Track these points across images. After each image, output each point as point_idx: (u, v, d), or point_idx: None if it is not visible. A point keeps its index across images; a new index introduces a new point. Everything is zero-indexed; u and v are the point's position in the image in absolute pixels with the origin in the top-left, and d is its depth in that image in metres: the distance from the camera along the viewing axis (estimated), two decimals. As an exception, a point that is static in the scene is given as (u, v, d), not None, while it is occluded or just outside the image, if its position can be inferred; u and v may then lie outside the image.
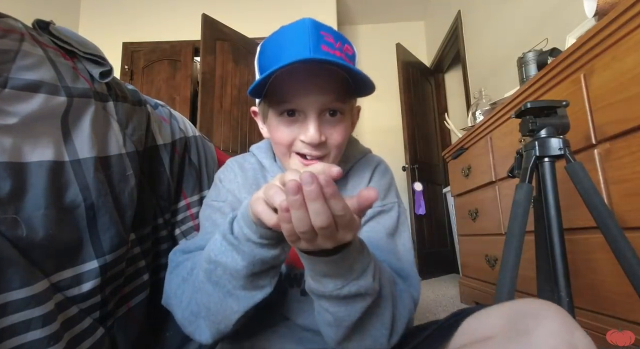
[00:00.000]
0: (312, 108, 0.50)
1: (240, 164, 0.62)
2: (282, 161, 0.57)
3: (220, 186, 0.60)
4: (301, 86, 0.49)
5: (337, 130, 0.52)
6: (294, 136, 0.52)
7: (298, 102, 0.50)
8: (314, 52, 0.46)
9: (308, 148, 0.51)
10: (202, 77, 2.69)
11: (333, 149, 0.53)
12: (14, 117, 0.42)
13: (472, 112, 1.99)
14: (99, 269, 0.48)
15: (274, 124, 0.53)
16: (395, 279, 0.49)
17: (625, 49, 0.85)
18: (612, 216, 0.70)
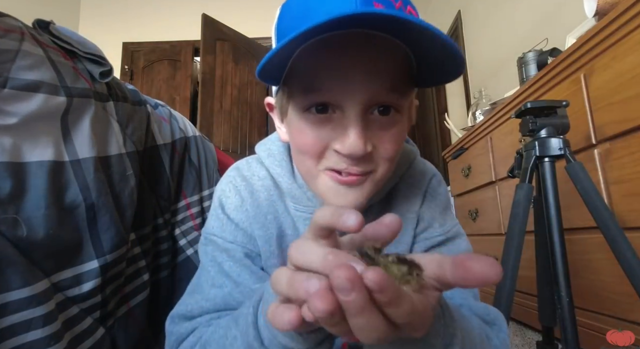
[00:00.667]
0: (354, 102, 0.33)
1: (248, 182, 0.47)
2: (307, 180, 0.41)
3: (223, 216, 0.46)
4: (338, 67, 0.33)
5: (391, 136, 0.36)
6: (325, 143, 0.35)
7: (332, 92, 0.33)
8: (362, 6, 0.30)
9: (346, 161, 0.35)
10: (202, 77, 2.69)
11: (382, 162, 0.37)
12: (13, 117, 0.42)
13: (472, 112, 1.99)
14: (99, 269, 0.48)
15: (295, 124, 0.37)
16: (485, 331, 0.38)
17: (625, 49, 0.85)
18: (612, 216, 0.70)
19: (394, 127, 0.36)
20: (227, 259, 0.44)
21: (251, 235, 0.45)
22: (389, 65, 0.33)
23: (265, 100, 0.46)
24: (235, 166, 0.49)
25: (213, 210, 0.48)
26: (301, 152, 0.38)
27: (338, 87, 0.33)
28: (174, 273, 0.67)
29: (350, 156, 0.34)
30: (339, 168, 0.36)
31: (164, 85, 3.38)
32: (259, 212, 0.45)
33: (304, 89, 0.35)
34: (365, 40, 0.32)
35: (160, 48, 3.44)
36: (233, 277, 0.44)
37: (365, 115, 0.34)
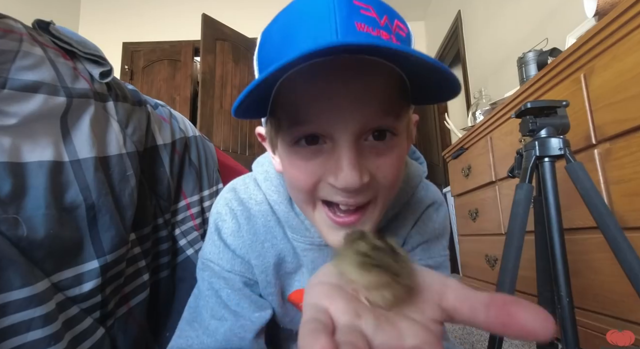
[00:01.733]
0: (344, 131, 0.31)
1: (245, 206, 0.44)
2: (305, 213, 0.39)
3: (219, 242, 0.44)
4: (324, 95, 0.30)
5: (388, 161, 0.33)
6: (318, 176, 0.33)
7: (320, 123, 0.31)
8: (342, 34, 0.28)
9: (342, 195, 0.33)
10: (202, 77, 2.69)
11: (382, 190, 0.34)
12: (13, 118, 0.42)
13: (472, 112, 1.99)
14: (99, 269, 0.48)
15: (285, 157, 0.35)
16: None
17: (625, 49, 0.85)
18: (612, 216, 0.70)
19: (391, 152, 0.33)
20: (225, 286, 0.43)
21: (249, 262, 0.44)
22: (379, 88, 0.31)
23: (256, 130, 0.43)
24: (232, 187, 0.47)
25: (209, 234, 0.46)
26: (294, 187, 0.36)
27: (326, 117, 0.31)
28: (174, 273, 0.67)
29: (346, 189, 0.31)
30: (335, 200, 0.33)
31: (164, 85, 3.38)
32: (256, 240, 0.43)
33: (290, 121, 0.33)
34: (350, 65, 0.29)
35: (160, 48, 3.44)
36: (231, 307, 0.42)
37: (358, 143, 0.32)
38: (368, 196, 0.34)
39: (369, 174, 0.32)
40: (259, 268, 0.44)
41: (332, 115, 0.31)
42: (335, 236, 0.35)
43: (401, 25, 0.33)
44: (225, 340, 0.41)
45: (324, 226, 0.36)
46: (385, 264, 0.22)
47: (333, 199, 0.34)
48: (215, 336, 0.41)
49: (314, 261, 0.43)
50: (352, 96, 0.30)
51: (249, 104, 0.30)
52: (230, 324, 0.41)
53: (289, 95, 0.32)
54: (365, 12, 0.29)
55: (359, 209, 0.34)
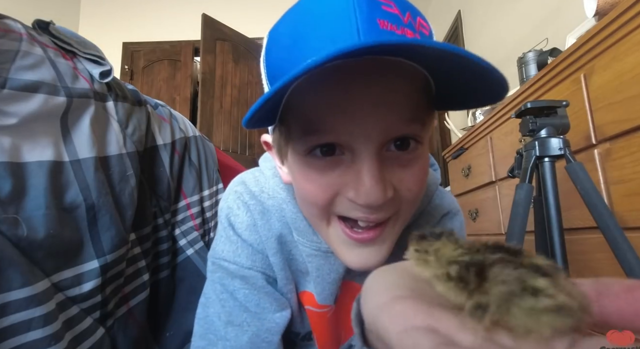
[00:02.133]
0: (366, 141, 0.28)
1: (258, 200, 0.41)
2: (316, 227, 0.36)
3: (236, 237, 0.40)
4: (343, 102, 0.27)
5: (412, 173, 0.30)
6: (335, 191, 0.30)
7: (338, 133, 0.28)
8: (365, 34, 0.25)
9: (362, 211, 0.29)
10: (202, 77, 2.69)
11: (405, 205, 0.31)
12: (13, 118, 0.42)
13: (472, 112, 1.99)
14: (99, 269, 0.48)
15: (297, 169, 0.32)
16: None
17: (625, 49, 0.85)
18: (612, 216, 0.70)
19: (416, 164, 0.30)
20: (241, 286, 0.39)
21: (268, 259, 0.40)
22: (404, 92, 0.28)
23: (262, 138, 0.40)
24: (242, 181, 0.43)
25: (221, 231, 0.42)
26: (307, 202, 0.32)
27: (344, 126, 0.27)
28: (174, 273, 0.67)
29: (368, 206, 0.28)
30: (353, 216, 0.30)
31: (164, 85, 3.38)
32: (271, 236, 0.40)
33: (303, 130, 0.29)
34: (373, 67, 0.26)
35: (160, 48, 3.44)
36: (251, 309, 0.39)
37: (380, 153, 0.28)
38: (390, 212, 0.30)
39: (392, 189, 0.29)
40: (277, 265, 0.40)
41: (351, 123, 0.27)
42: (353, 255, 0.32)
43: (424, 23, 0.29)
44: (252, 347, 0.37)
45: (339, 243, 0.33)
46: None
47: (351, 215, 0.30)
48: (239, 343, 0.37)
49: (320, 268, 0.39)
50: (374, 101, 0.27)
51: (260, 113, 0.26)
52: (255, 329, 0.38)
53: (302, 100, 0.28)
54: (387, 9, 0.26)
55: (378, 225, 0.31)
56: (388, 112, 0.27)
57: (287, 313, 0.41)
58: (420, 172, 0.31)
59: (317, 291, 0.41)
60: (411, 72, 0.28)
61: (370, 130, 0.27)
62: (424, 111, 0.30)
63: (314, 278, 0.40)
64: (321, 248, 0.39)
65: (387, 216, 0.30)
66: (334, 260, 0.39)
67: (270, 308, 0.40)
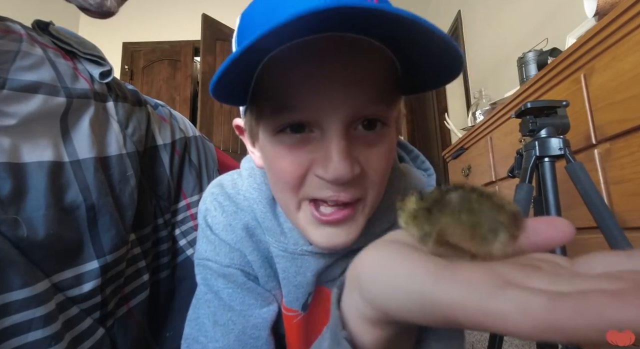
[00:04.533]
0: (335, 118, 0.29)
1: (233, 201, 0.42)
2: (287, 214, 0.36)
3: (214, 237, 0.41)
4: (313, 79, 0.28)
5: (378, 152, 0.31)
6: (305, 168, 0.30)
7: (308, 109, 0.29)
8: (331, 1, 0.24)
9: (331, 188, 0.30)
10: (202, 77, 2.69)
11: (371, 187, 0.32)
12: (12, 119, 0.42)
13: (472, 112, 1.99)
14: (99, 270, 0.48)
15: (268, 148, 0.32)
16: None
17: (625, 49, 0.85)
18: (612, 216, 0.70)
19: (382, 143, 0.31)
20: (225, 286, 0.40)
21: (246, 257, 0.41)
22: (372, 73, 0.29)
23: (234, 122, 0.41)
24: (219, 183, 0.45)
25: (201, 232, 0.44)
26: (278, 181, 0.33)
27: (314, 103, 0.28)
28: (174, 273, 0.67)
29: (336, 181, 0.29)
30: (323, 196, 0.31)
31: (164, 85, 3.38)
32: (247, 234, 0.41)
33: (274, 108, 0.30)
34: (342, 46, 0.27)
35: (160, 48, 3.44)
36: (236, 307, 0.39)
37: (348, 131, 0.29)
38: (358, 192, 0.31)
39: (359, 166, 0.30)
40: (256, 262, 0.41)
41: (321, 100, 0.28)
42: (320, 235, 0.33)
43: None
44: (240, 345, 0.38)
45: (309, 228, 0.33)
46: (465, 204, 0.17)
47: (320, 195, 0.31)
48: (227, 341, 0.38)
49: (285, 270, 0.39)
50: (343, 81, 0.28)
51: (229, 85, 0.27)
52: (240, 327, 0.38)
53: (273, 79, 0.29)
54: None
55: (346, 206, 0.32)
56: (356, 91, 0.28)
57: (274, 307, 0.41)
58: (386, 152, 0.32)
59: (284, 293, 0.41)
60: (379, 55, 0.29)
61: (339, 108, 0.28)
62: (389, 92, 0.31)
63: (281, 280, 0.40)
64: (288, 249, 0.39)
65: (354, 196, 0.31)
66: (300, 263, 0.39)
67: (256, 304, 0.40)
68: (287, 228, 0.39)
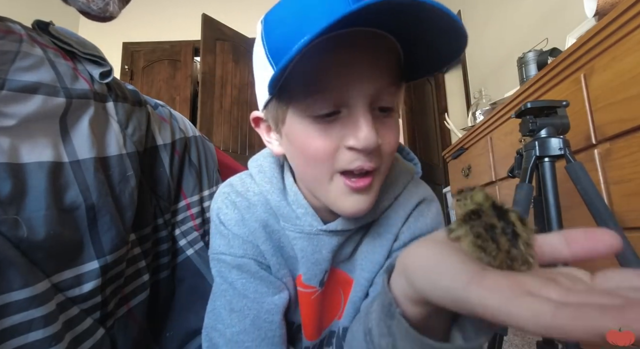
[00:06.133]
0: (362, 97, 0.34)
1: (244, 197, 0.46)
2: (317, 190, 0.40)
3: (227, 232, 0.45)
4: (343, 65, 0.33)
5: (390, 129, 0.37)
6: (337, 143, 0.35)
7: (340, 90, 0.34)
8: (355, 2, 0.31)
9: (360, 158, 0.35)
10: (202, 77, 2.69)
11: (386, 158, 0.38)
12: (11, 119, 0.42)
13: (472, 112, 1.99)
14: (99, 270, 0.48)
15: (300, 130, 0.37)
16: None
17: (625, 49, 0.85)
18: (612, 216, 0.70)
19: (393, 123, 0.38)
20: (239, 276, 0.43)
21: (259, 247, 0.44)
22: (388, 60, 0.35)
23: (252, 115, 0.44)
24: (229, 183, 0.49)
25: (214, 228, 0.47)
26: (311, 159, 0.37)
27: (344, 85, 0.34)
28: (174, 273, 0.67)
29: (366, 149, 0.34)
30: (352, 167, 0.36)
31: (164, 85, 3.38)
32: (259, 226, 0.44)
33: (308, 92, 0.35)
34: (366, 38, 0.33)
35: (160, 48, 3.44)
36: (250, 295, 0.43)
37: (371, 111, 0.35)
38: (377, 162, 0.37)
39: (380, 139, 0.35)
40: (268, 251, 0.45)
41: (350, 82, 0.34)
42: (349, 203, 0.38)
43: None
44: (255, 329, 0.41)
45: (340, 196, 0.38)
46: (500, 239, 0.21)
47: (350, 167, 0.36)
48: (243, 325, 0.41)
49: (303, 249, 0.44)
50: (367, 65, 0.34)
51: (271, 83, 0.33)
52: (255, 312, 0.42)
53: (305, 66, 0.33)
54: None
55: (368, 174, 0.37)
56: (378, 74, 0.35)
57: (285, 294, 0.45)
58: (396, 130, 0.38)
59: (303, 271, 0.45)
60: (390, 46, 0.35)
61: (365, 87, 0.34)
62: (399, 78, 0.37)
63: (300, 259, 0.45)
64: (304, 230, 0.43)
65: (376, 165, 0.37)
66: (316, 242, 0.43)
67: (268, 292, 0.43)
68: (300, 213, 0.43)
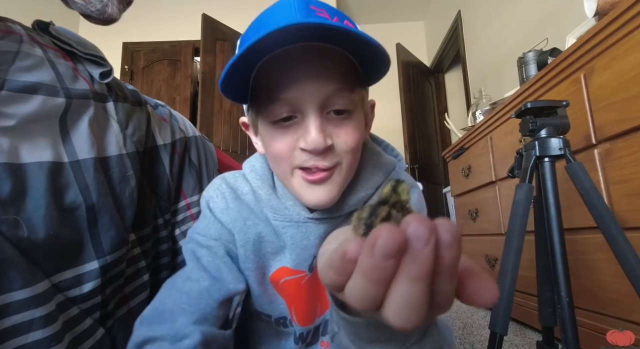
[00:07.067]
0: (311, 104, 0.38)
1: (233, 190, 0.50)
2: (285, 184, 0.45)
3: (210, 216, 0.49)
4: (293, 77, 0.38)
5: (346, 129, 0.41)
6: (293, 145, 0.40)
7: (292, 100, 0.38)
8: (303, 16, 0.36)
9: (312, 158, 0.39)
10: (202, 77, 2.69)
11: (344, 155, 0.41)
12: (11, 119, 0.42)
13: (472, 112, 1.99)
14: (99, 270, 0.48)
15: (266, 134, 0.42)
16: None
17: (625, 49, 0.85)
18: (612, 216, 0.70)
19: (349, 123, 0.41)
20: (207, 254, 0.47)
21: (233, 235, 0.48)
22: (335, 69, 0.39)
23: (240, 120, 0.51)
24: (222, 177, 0.53)
25: (202, 214, 0.51)
26: (275, 158, 0.43)
27: (296, 94, 0.38)
28: (174, 273, 0.67)
29: (314, 150, 0.38)
30: (308, 165, 0.40)
31: (164, 85, 3.38)
32: (239, 217, 0.48)
33: (267, 101, 0.40)
34: (312, 51, 0.38)
35: (160, 48, 3.44)
36: (211, 272, 0.45)
37: (322, 115, 0.39)
38: (333, 161, 0.40)
39: (331, 139, 0.40)
40: (240, 241, 0.47)
41: (300, 92, 0.38)
42: (310, 194, 0.42)
43: (350, 24, 0.40)
44: (199, 297, 0.43)
45: (301, 189, 0.42)
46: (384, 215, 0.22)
47: (305, 164, 0.40)
48: (190, 293, 0.43)
49: (293, 236, 0.47)
50: (313, 75, 0.38)
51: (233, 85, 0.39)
52: (207, 284, 0.44)
53: (265, 79, 0.40)
54: (320, 14, 0.38)
55: (327, 170, 0.41)
56: (324, 82, 0.38)
57: (241, 286, 0.47)
58: (352, 129, 0.41)
59: (292, 258, 0.47)
60: (339, 55, 0.39)
61: (313, 95, 0.38)
62: (350, 81, 0.40)
63: (289, 246, 0.47)
64: (293, 219, 0.46)
65: (331, 163, 0.40)
66: (304, 229, 0.46)
67: (229, 276, 0.46)
68: (288, 205, 0.47)
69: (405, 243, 0.16)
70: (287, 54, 0.37)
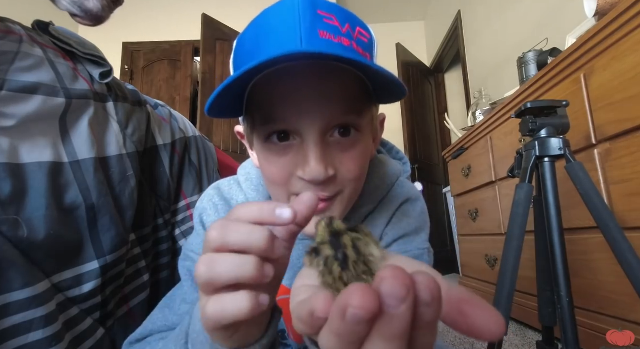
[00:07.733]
0: (311, 128, 0.34)
1: (227, 203, 0.48)
2: None
3: (203, 232, 0.47)
4: (292, 96, 0.33)
5: (352, 156, 0.36)
6: (289, 171, 0.35)
7: (290, 121, 0.34)
8: (307, 42, 0.31)
9: (312, 189, 0.35)
10: (202, 77, 2.69)
11: (348, 184, 0.37)
12: (11, 120, 0.42)
13: (472, 112, 1.99)
14: (99, 270, 0.48)
15: (261, 153, 0.38)
16: None
17: (625, 49, 0.85)
18: (612, 216, 0.70)
19: (355, 148, 0.36)
20: None
21: None
22: (341, 89, 0.34)
23: (235, 129, 0.47)
24: (217, 186, 0.50)
25: (195, 228, 0.49)
26: (269, 181, 0.39)
27: (294, 116, 0.34)
28: (174, 273, 0.67)
29: (313, 182, 0.34)
30: None
31: (164, 85, 3.38)
32: None
33: (263, 120, 0.35)
34: (315, 69, 0.33)
35: (160, 48, 3.44)
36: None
37: (324, 139, 0.35)
38: (335, 190, 0.36)
39: (334, 168, 0.35)
40: None
41: (299, 113, 0.34)
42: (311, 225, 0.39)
43: (363, 32, 0.36)
44: None
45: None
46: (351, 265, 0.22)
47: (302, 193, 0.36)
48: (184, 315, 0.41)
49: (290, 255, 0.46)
50: (316, 96, 0.33)
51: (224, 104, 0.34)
52: None
53: (262, 95, 0.35)
54: (328, 21, 0.33)
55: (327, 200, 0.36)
56: (328, 105, 0.34)
57: None
58: (359, 155, 0.37)
59: (289, 276, 0.45)
60: (347, 74, 0.34)
61: (314, 119, 0.33)
62: (360, 103, 0.36)
63: None
64: None
65: (332, 193, 0.36)
66: (302, 247, 0.44)
67: None
68: None
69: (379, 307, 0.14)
70: (287, 69, 0.32)
